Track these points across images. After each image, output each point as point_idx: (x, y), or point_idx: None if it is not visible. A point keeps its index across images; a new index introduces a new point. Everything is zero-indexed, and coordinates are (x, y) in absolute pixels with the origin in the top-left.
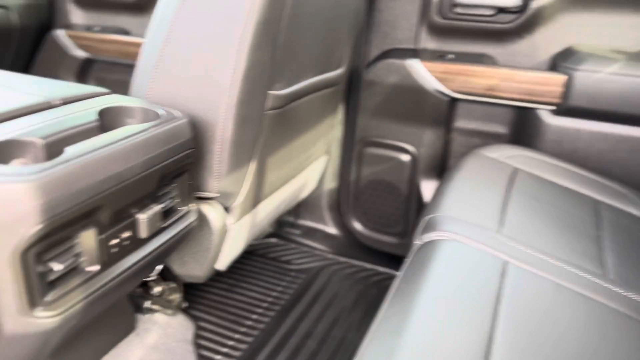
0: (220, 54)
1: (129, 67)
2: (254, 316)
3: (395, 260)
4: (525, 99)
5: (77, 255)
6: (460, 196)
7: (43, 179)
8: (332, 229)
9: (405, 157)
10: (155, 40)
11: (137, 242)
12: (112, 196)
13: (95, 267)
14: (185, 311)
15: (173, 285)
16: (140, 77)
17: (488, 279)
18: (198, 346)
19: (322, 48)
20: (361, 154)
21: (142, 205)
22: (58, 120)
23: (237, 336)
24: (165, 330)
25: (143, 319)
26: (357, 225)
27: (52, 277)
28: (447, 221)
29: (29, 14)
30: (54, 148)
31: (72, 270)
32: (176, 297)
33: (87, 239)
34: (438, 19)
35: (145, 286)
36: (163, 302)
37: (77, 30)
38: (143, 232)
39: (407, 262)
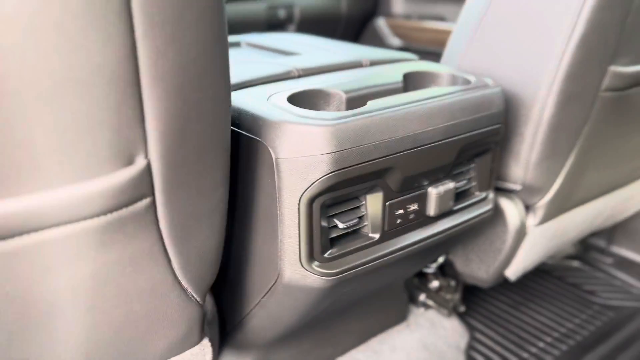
0: (554, 15)
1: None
2: (541, 344)
3: None
4: None
5: (361, 218)
6: None
7: (342, 125)
8: None
9: None
10: (476, 5)
11: (423, 219)
12: (405, 159)
13: (376, 235)
14: (461, 316)
15: (452, 283)
16: (452, 46)
17: None
18: (470, 359)
19: None
20: None
21: (435, 178)
22: (363, 78)
23: None
24: (437, 330)
25: (415, 312)
26: None
27: (333, 234)
28: None
29: (357, 2)
30: (356, 102)
31: (353, 233)
32: (454, 297)
33: (373, 203)
34: None
35: (423, 278)
36: (439, 299)
37: (396, 19)
38: (431, 209)
39: None
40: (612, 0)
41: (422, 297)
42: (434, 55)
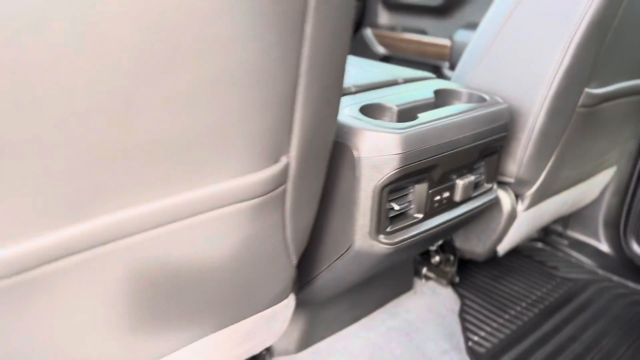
0: (547, 50)
1: (422, 65)
2: (518, 308)
3: None
4: None
5: (410, 202)
6: None
7: (407, 133)
8: (604, 247)
9: None
10: (486, 34)
11: (451, 204)
12: (445, 159)
13: (419, 215)
14: (454, 286)
15: (451, 258)
16: (463, 65)
17: None
18: (463, 319)
19: None
20: None
21: (461, 173)
22: (404, 93)
23: (500, 321)
24: (437, 297)
25: (419, 283)
26: (637, 248)
27: (391, 214)
28: None
29: None
30: (403, 114)
31: (404, 213)
32: (451, 270)
33: (420, 191)
34: None
35: (427, 254)
36: (439, 272)
37: (381, 30)
38: (458, 196)
39: None
40: (589, 40)
41: (424, 270)
42: (416, 63)
